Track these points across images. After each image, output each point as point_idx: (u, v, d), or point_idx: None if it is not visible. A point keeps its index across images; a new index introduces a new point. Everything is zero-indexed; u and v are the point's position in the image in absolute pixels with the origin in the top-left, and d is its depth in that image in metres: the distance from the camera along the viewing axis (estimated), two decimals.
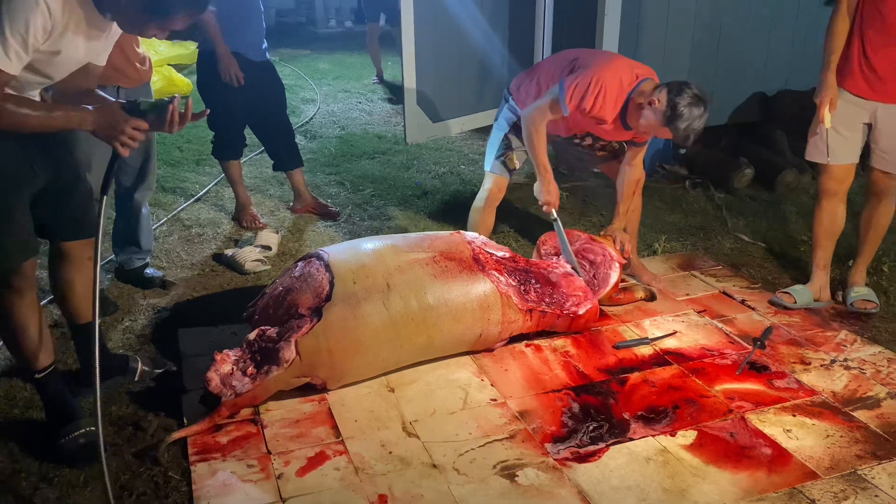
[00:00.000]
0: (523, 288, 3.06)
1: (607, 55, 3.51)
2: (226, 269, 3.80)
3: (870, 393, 2.78)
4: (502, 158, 3.55)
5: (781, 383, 2.84)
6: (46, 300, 3.20)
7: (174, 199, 4.72)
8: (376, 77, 8.37)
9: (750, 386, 2.83)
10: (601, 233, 3.54)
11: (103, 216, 2.17)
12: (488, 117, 4.58)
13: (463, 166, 5.50)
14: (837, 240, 3.44)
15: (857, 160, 3.29)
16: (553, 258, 3.43)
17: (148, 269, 3.60)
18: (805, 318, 3.33)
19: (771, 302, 3.46)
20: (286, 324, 2.68)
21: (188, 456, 2.41)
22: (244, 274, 3.73)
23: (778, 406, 2.70)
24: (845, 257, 3.64)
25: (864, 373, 2.91)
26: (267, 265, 3.81)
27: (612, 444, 2.49)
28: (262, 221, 4.34)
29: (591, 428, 2.58)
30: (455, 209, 4.48)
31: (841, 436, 2.55)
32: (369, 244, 2.95)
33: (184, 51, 7.80)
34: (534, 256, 3.53)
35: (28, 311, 2.34)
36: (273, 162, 4.52)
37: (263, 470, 2.35)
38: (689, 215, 4.56)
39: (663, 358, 3.02)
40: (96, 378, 2.10)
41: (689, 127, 2.98)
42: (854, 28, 3.12)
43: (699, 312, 3.38)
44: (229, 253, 3.86)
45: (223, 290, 3.59)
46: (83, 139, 2.42)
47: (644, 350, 3.07)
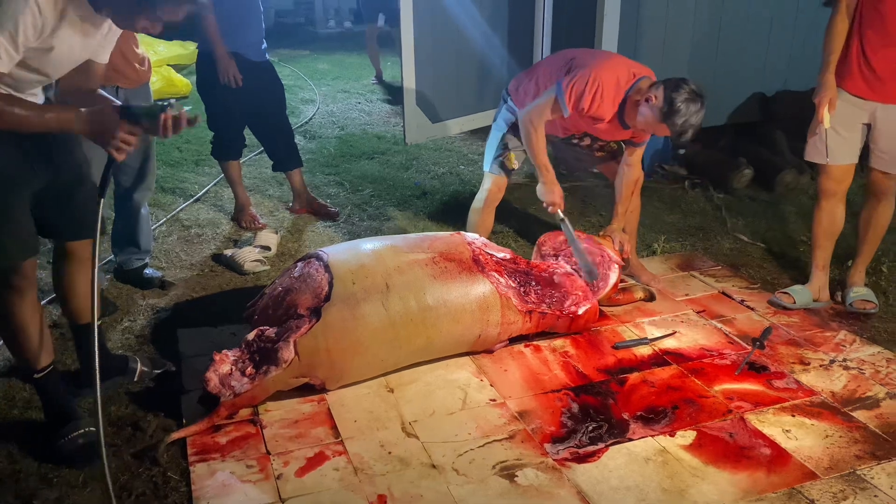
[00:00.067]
0: (523, 289, 3.06)
1: (605, 54, 3.51)
2: (225, 270, 3.80)
3: (869, 393, 2.79)
4: (501, 159, 3.54)
5: (780, 383, 2.85)
6: (46, 300, 3.21)
7: (173, 200, 4.72)
8: (375, 77, 8.38)
9: (749, 386, 2.83)
10: (600, 233, 3.54)
11: (100, 217, 2.17)
12: (488, 118, 4.57)
13: (462, 167, 5.50)
14: (836, 240, 3.44)
15: (857, 160, 3.29)
16: (553, 259, 3.43)
17: (147, 270, 3.60)
18: (804, 319, 3.33)
19: (770, 302, 3.46)
20: (285, 324, 2.68)
21: (187, 456, 2.41)
22: (243, 274, 3.73)
23: (777, 406, 2.70)
24: (844, 257, 3.64)
25: (864, 373, 2.91)
26: (266, 265, 3.81)
27: (612, 445, 2.49)
28: (262, 222, 4.34)
29: (591, 428, 2.58)
30: (454, 209, 4.48)
31: (840, 436, 2.55)
32: (369, 245, 2.95)
33: (183, 51, 7.80)
34: (533, 257, 3.52)
35: (28, 311, 2.34)
36: (272, 162, 4.52)
37: (262, 470, 2.35)
38: (689, 216, 4.56)
39: (662, 358, 3.02)
40: (97, 378, 2.10)
41: (686, 123, 2.97)
42: (853, 28, 3.12)
43: (698, 313, 3.38)
44: (228, 253, 3.86)
45: (222, 291, 3.59)
46: (84, 139, 2.42)
47: (643, 350, 3.07)
